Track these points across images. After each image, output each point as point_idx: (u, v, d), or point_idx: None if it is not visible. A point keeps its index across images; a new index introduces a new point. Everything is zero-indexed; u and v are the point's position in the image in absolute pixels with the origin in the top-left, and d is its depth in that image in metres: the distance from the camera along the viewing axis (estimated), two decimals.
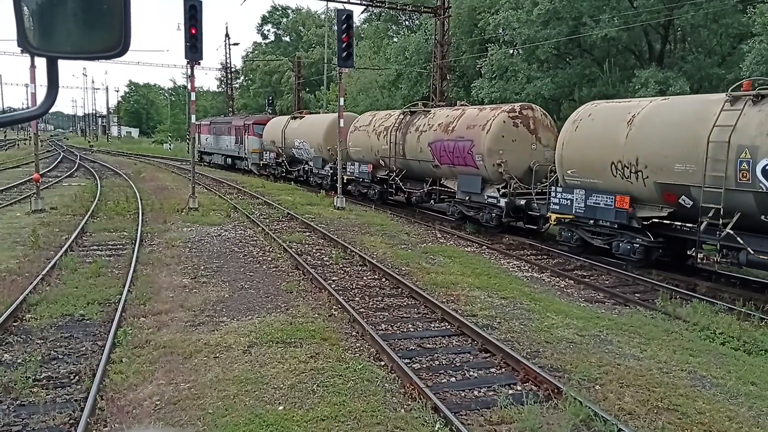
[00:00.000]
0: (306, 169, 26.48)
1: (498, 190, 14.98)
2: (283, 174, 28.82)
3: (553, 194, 13.07)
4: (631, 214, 11.29)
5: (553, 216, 13.02)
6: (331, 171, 23.17)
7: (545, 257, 13.37)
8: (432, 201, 18.51)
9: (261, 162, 31.41)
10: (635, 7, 21.85)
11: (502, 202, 14.76)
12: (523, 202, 14.50)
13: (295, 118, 28.02)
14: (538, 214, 14.18)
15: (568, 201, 12.57)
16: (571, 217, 12.60)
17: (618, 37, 22.37)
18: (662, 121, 10.74)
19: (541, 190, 14.43)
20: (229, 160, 36.48)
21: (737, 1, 20.09)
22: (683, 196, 10.36)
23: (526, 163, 14.98)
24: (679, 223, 10.92)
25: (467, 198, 16.02)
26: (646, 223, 11.28)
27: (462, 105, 18.13)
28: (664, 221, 11.09)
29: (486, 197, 15.29)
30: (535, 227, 15.02)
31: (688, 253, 11.39)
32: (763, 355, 7.31)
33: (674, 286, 10.48)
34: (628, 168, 11.17)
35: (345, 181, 22.34)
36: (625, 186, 11.31)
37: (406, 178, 19.21)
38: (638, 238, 11.42)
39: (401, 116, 19.43)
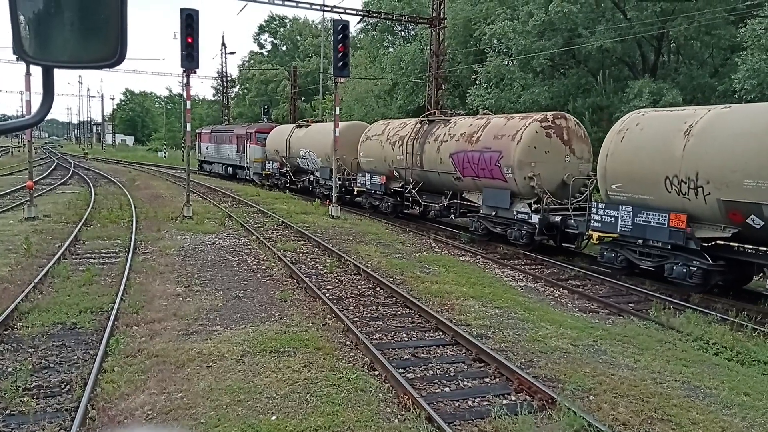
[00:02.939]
0: (312, 179, 25.70)
1: (529, 205, 13.95)
2: (288, 184, 28.09)
3: (594, 210, 12.01)
4: (689, 235, 10.19)
5: (595, 235, 11.94)
6: (339, 182, 22.23)
7: (539, 267, 13.38)
8: (452, 216, 17.40)
9: (264, 172, 30.79)
10: (629, 19, 22.07)
11: (535, 218, 13.68)
12: (558, 218, 13.43)
13: (300, 126, 27.41)
14: (576, 231, 13.11)
15: (612, 218, 11.50)
16: (615, 235, 11.55)
17: (612, 48, 22.57)
18: (728, 132, 9.75)
19: (578, 206, 13.51)
20: (230, 170, 35.79)
21: (729, 13, 20.33)
22: (752, 216, 9.32)
23: (560, 176, 14.07)
24: (749, 246, 9.69)
25: (493, 213, 15.04)
26: (705, 244, 10.21)
27: (485, 113, 17.19)
28: (730, 243, 9.92)
29: (515, 213, 14.28)
30: (573, 246, 13.93)
31: (755, 278, 10.67)
32: (755, 366, 7.32)
33: (668, 296, 10.50)
34: (685, 183, 10.16)
35: (355, 192, 21.70)
36: (682, 203, 10.31)
37: (422, 191, 18.17)
38: (695, 261, 10.32)
39: (418, 125, 18.49)
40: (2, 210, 18.60)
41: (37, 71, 1.47)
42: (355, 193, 21.91)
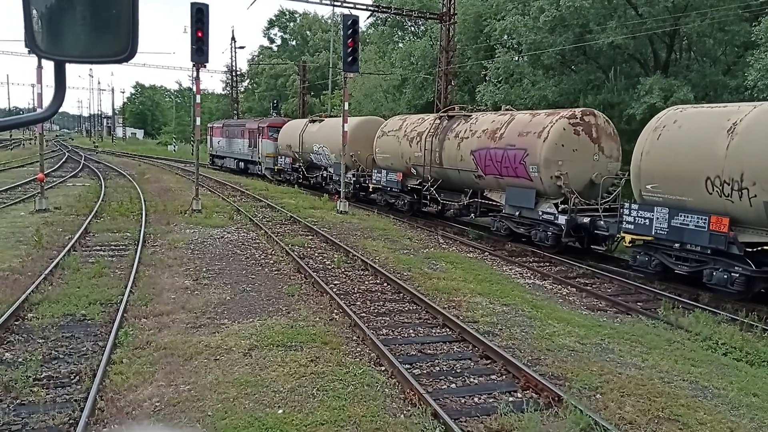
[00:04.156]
0: (325, 175, 25.26)
1: (556, 205, 13.45)
2: (300, 180, 27.75)
3: (626, 211, 11.44)
4: (731, 239, 9.63)
5: (628, 237, 11.38)
6: (354, 178, 22.10)
7: (547, 264, 13.33)
8: (472, 215, 16.83)
9: (276, 167, 30.45)
10: (641, 15, 21.85)
11: (562, 219, 13.13)
12: (586, 219, 12.82)
13: (313, 121, 27.05)
14: (606, 233, 12.58)
15: (647, 220, 10.94)
16: (649, 238, 10.97)
17: (624, 44, 22.37)
18: None
19: (609, 207, 13.04)
20: (241, 165, 35.48)
21: (743, 10, 20.08)
22: None
23: (588, 175, 13.53)
24: None
25: (516, 213, 14.50)
26: (749, 249, 9.67)
27: (508, 109, 16.62)
28: None
29: (540, 213, 13.76)
30: (602, 249, 13.42)
31: None
32: (765, 367, 7.27)
33: (677, 296, 10.44)
34: (728, 184, 9.56)
35: (370, 189, 21.34)
36: (724, 205, 9.71)
37: (441, 189, 17.71)
38: (738, 267, 9.73)
39: (437, 121, 17.97)
40: (14, 202, 18.78)
41: (49, 65, 1.48)
42: (371, 189, 21.48)
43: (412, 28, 45.15)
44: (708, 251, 10.12)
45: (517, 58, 26.74)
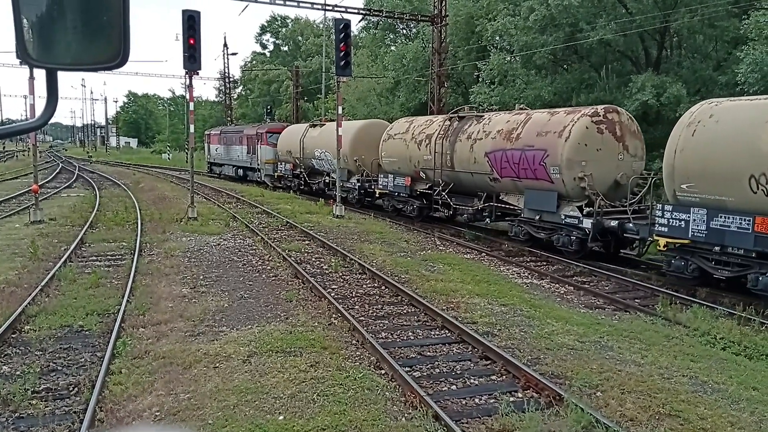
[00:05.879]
0: (327, 181, 24.72)
1: (580, 208, 12.79)
2: (302, 187, 27.25)
3: (659, 213, 10.79)
4: None
5: (662, 240, 10.75)
6: (359, 183, 21.77)
7: (544, 264, 13.35)
8: (487, 220, 16.09)
9: (275, 173, 29.90)
10: (630, 13, 21.97)
11: (587, 222, 12.39)
12: (614, 222, 12.12)
13: (314, 125, 26.52)
14: (637, 236, 11.93)
15: (682, 222, 10.30)
16: (686, 241, 10.36)
17: (614, 42, 22.48)
18: None
19: (638, 208, 12.51)
20: (240, 172, 34.87)
21: (732, 5, 20.21)
22: None
23: (612, 175, 12.93)
24: None
25: (537, 217, 13.81)
26: None
27: (522, 109, 16.07)
28: None
29: (563, 217, 13.05)
30: (633, 253, 12.94)
31: None
32: (764, 360, 7.29)
33: (674, 292, 10.46)
34: None
35: (377, 195, 20.99)
36: None
37: (453, 193, 17.05)
38: None
39: (447, 122, 17.39)
40: (8, 214, 18.69)
41: (40, 75, 1.48)
42: (377, 195, 21.00)
43: (404, 31, 45.23)
44: (753, 254, 9.49)
45: (509, 59, 26.80)
